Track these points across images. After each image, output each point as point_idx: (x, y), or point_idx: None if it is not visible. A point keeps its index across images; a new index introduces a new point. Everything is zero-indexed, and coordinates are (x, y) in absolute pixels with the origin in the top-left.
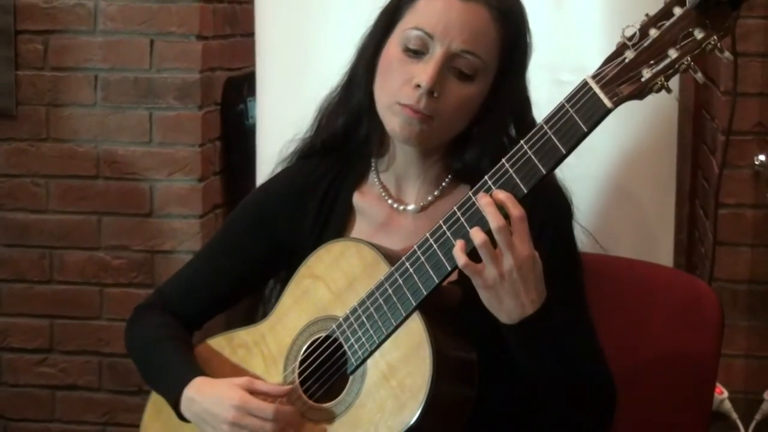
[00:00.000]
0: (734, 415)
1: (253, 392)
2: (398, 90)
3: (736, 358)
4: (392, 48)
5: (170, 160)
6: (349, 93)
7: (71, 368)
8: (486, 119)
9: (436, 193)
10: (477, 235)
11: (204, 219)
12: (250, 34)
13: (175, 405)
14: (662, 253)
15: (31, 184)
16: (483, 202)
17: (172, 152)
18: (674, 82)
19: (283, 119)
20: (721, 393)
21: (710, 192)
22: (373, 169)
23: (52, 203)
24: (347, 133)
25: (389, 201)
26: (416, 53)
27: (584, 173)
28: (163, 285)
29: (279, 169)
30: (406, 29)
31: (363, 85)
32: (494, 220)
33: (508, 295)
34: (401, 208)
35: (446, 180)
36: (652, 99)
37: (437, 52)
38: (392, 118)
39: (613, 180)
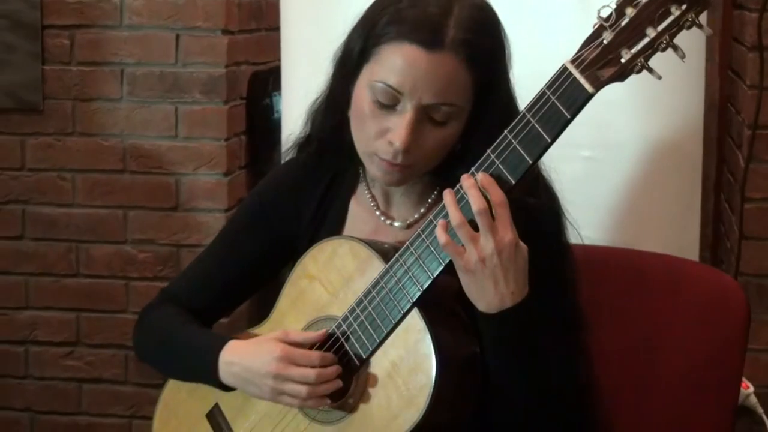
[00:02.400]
0: (760, 410)
1: (289, 342)
2: (374, 141)
3: (763, 352)
4: (362, 95)
5: (196, 155)
6: (331, 107)
7: (98, 361)
8: (473, 135)
9: (422, 210)
10: (455, 216)
11: (229, 213)
12: (275, 29)
13: (214, 373)
14: (688, 247)
15: (58, 179)
16: (466, 184)
17: (197, 146)
18: (699, 76)
19: None
20: (747, 388)
21: (736, 186)
22: (362, 179)
23: (78, 197)
24: (338, 141)
25: (377, 213)
26: (387, 106)
27: (611, 168)
28: (168, 285)
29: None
30: (373, 80)
31: (341, 108)
32: (476, 202)
33: (488, 281)
34: (388, 222)
35: (432, 195)
36: (677, 94)
37: (408, 109)
38: (371, 166)
39: (639, 174)
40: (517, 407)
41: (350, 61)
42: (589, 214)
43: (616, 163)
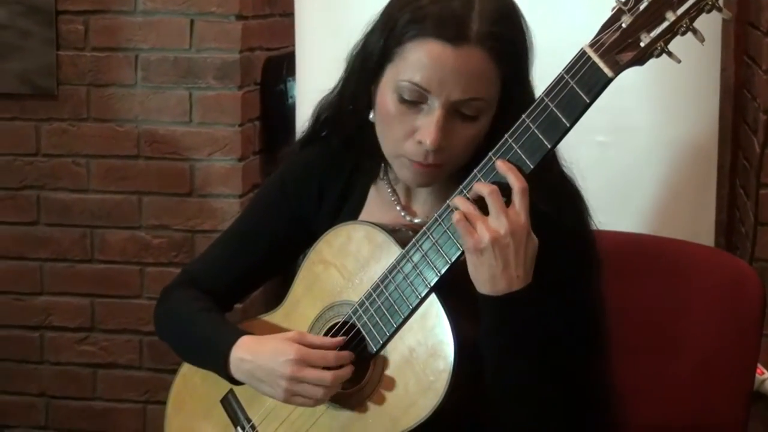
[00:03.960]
0: None
1: (305, 345)
2: (402, 143)
3: None
4: (387, 96)
5: (210, 140)
6: (351, 110)
7: (112, 347)
8: (498, 129)
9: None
10: (459, 202)
11: (244, 198)
12: (289, 14)
13: (224, 367)
14: (703, 233)
15: (73, 164)
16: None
17: (212, 132)
18: (715, 61)
19: None
20: (762, 374)
21: (751, 172)
22: (383, 174)
23: (93, 183)
24: (359, 142)
25: (398, 208)
26: (414, 104)
27: (625, 153)
28: (189, 265)
29: (288, 158)
30: (399, 80)
31: (361, 110)
32: (484, 186)
33: (497, 261)
34: (408, 218)
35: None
36: (692, 79)
37: (436, 107)
38: (401, 169)
39: (654, 160)
40: (511, 398)
41: (371, 62)
42: (603, 200)
43: (630, 148)
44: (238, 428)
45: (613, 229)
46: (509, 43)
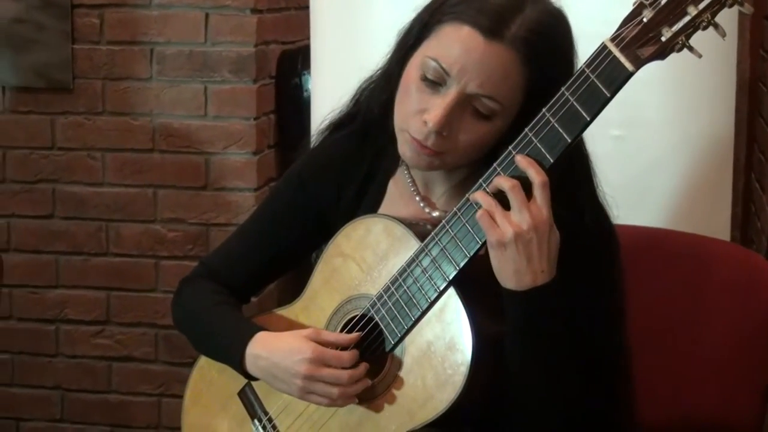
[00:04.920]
0: None
1: (321, 343)
2: (410, 118)
3: None
4: (413, 69)
5: (225, 134)
6: (385, 80)
7: (127, 340)
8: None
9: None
10: (481, 197)
11: (259, 192)
12: (304, 7)
13: (240, 364)
14: (718, 227)
15: (88, 158)
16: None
17: (227, 125)
18: (730, 55)
19: (338, 92)
20: None
21: (767, 165)
22: (402, 161)
23: (108, 176)
24: (384, 117)
25: (417, 198)
26: (433, 84)
27: (641, 148)
28: (207, 257)
29: (317, 141)
30: (427, 56)
31: (394, 82)
32: (506, 180)
33: (521, 256)
34: (427, 210)
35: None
36: (708, 72)
37: (451, 92)
38: (402, 143)
39: (669, 153)
40: (533, 393)
41: (411, 35)
42: (619, 194)
43: (646, 142)
44: (255, 421)
45: (629, 224)
46: (544, 57)
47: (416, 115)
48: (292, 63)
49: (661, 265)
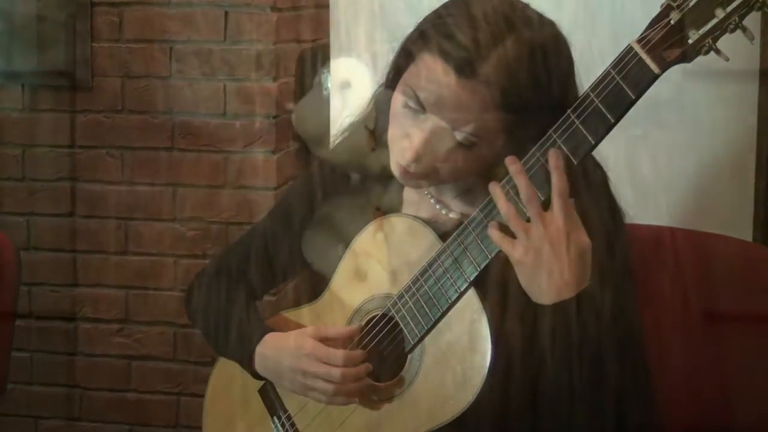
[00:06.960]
0: None
1: (322, 339)
2: (395, 142)
3: None
4: (398, 93)
5: (245, 132)
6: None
7: (146, 339)
8: (521, 137)
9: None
10: (503, 206)
11: (278, 191)
12: (324, 6)
13: (249, 364)
14: (741, 226)
15: (107, 156)
16: (513, 169)
17: (246, 124)
18: (753, 50)
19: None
20: None
21: None
22: None
23: (127, 174)
24: None
25: (432, 201)
26: (415, 111)
27: (662, 147)
28: (220, 254)
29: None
30: (407, 84)
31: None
32: (523, 191)
33: (539, 270)
34: (443, 211)
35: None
36: (730, 69)
37: (427, 124)
38: (392, 162)
39: (691, 152)
40: (564, 401)
41: (402, 55)
42: (640, 193)
43: (666, 141)
44: (275, 418)
45: (650, 223)
46: (523, 91)
47: (400, 139)
48: (312, 61)
49: (684, 265)
